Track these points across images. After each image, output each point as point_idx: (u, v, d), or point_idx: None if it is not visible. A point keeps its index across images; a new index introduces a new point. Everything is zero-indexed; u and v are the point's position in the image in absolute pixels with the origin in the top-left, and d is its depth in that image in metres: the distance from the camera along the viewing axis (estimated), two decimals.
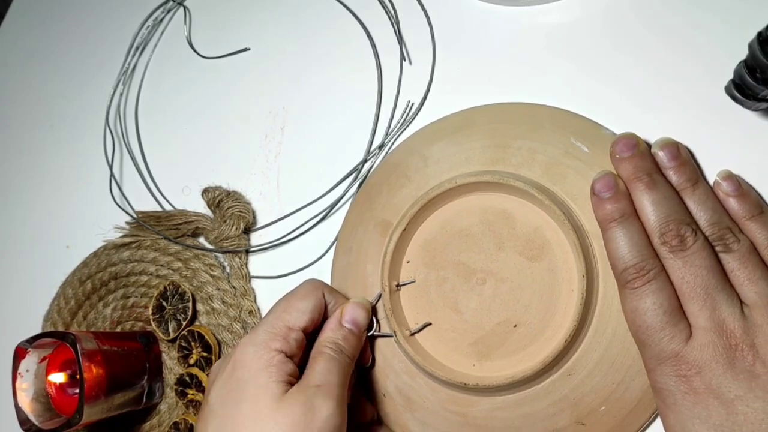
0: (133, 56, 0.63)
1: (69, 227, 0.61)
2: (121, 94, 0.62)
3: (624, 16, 0.42)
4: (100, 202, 0.58)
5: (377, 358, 0.42)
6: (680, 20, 0.40)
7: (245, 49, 0.57)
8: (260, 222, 0.51)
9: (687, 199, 0.34)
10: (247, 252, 0.51)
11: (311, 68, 0.53)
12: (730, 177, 0.35)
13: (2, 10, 0.76)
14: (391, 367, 0.41)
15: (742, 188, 0.34)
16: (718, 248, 0.32)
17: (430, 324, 0.40)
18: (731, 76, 0.35)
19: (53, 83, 0.68)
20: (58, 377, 0.47)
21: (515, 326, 0.38)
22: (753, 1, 0.38)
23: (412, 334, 0.40)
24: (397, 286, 0.41)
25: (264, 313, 0.48)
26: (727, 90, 0.36)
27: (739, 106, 0.36)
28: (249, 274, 0.50)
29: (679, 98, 0.38)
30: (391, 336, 0.40)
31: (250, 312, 0.49)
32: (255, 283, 0.50)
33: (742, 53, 0.33)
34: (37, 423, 0.45)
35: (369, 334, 0.41)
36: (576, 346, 0.36)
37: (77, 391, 0.45)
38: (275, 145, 0.53)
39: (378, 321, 0.42)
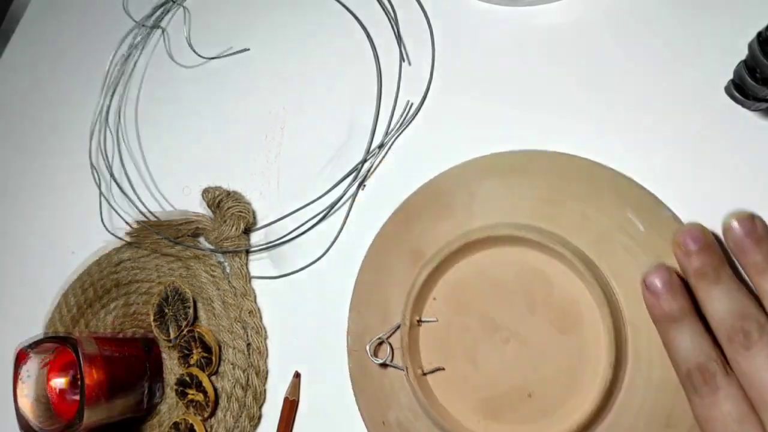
0: (133, 57, 0.63)
1: (74, 232, 0.61)
2: (122, 96, 0.62)
3: (624, 17, 0.41)
4: (106, 207, 0.58)
5: (385, 385, 0.41)
6: (680, 20, 0.39)
7: (245, 50, 0.57)
8: (260, 222, 0.51)
9: (760, 288, 0.31)
10: (248, 252, 0.51)
11: (310, 68, 0.53)
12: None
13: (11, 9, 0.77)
14: (396, 398, 0.40)
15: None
16: None
17: (443, 369, 0.39)
18: (731, 77, 0.35)
19: (59, 85, 0.68)
20: (60, 381, 0.47)
21: (530, 395, 0.36)
22: (753, 1, 0.38)
23: (424, 374, 0.39)
24: (419, 321, 0.40)
25: (264, 313, 0.49)
26: (727, 90, 0.35)
27: (739, 106, 0.36)
28: (249, 274, 0.50)
29: (678, 98, 0.38)
30: (402, 370, 0.39)
31: (251, 312, 0.49)
32: (255, 284, 0.50)
33: (742, 53, 0.33)
34: (37, 427, 0.45)
35: (381, 362, 0.40)
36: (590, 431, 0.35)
37: (78, 395, 0.45)
38: (275, 145, 0.52)
39: (393, 350, 0.41)
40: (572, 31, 0.43)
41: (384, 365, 0.40)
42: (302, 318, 0.47)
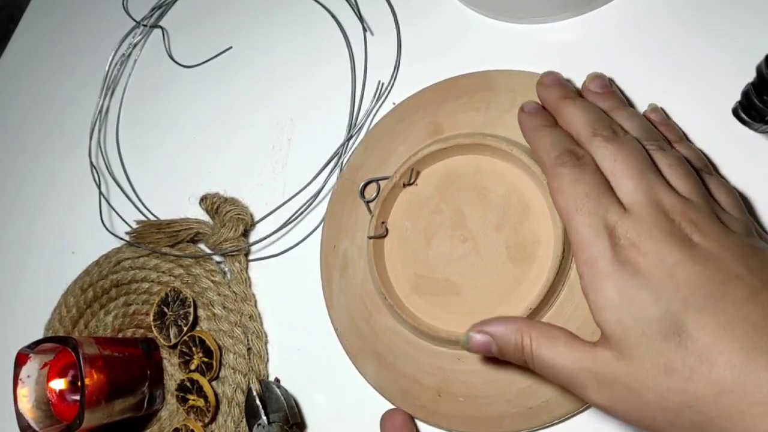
0: (133, 56, 0.62)
1: (75, 233, 0.60)
2: (122, 96, 0.62)
3: (630, 37, 0.41)
4: (107, 209, 0.58)
5: (352, 217, 0.45)
6: (687, 42, 0.39)
7: (228, 48, 0.59)
8: (259, 222, 0.52)
9: (617, 118, 0.35)
10: (247, 256, 0.51)
11: (316, 76, 0.53)
12: (656, 108, 0.38)
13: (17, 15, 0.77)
14: (354, 232, 0.44)
15: (666, 115, 0.37)
16: (650, 147, 0.33)
17: (406, 228, 0.42)
18: (738, 98, 0.35)
19: (59, 85, 0.68)
20: (59, 383, 0.47)
21: (457, 294, 0.39)
22: (761, 23, 0.38)
23: (383, 225, 0.42)
24: (405, 184, 0.42)
25: (265, 317, 0.49)
26: (734, 112, 0.36)
27: (746, 128, 0.36)
28: (249, 279, 0.50)
29: (685, 119, 0.38)
30: (371, 214, 0.42)
31: (251, 316, 0.49)
32: (255, 289, 0.50)
33: (750, 75, 0.33)
34: (37, 429, 0.45)
35: (365, 200, 0.43)
36: None
37: (78, 397, 0.45)
38: (282, 156, 0.53)
39: (378, 193, 0.43)
40: (577, 50, 0.43)
41: (367, 203, 0.43)
42: (303, 320, 0.48)
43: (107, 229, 0.57)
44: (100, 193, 0.59)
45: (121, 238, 0.55)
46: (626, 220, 0.29)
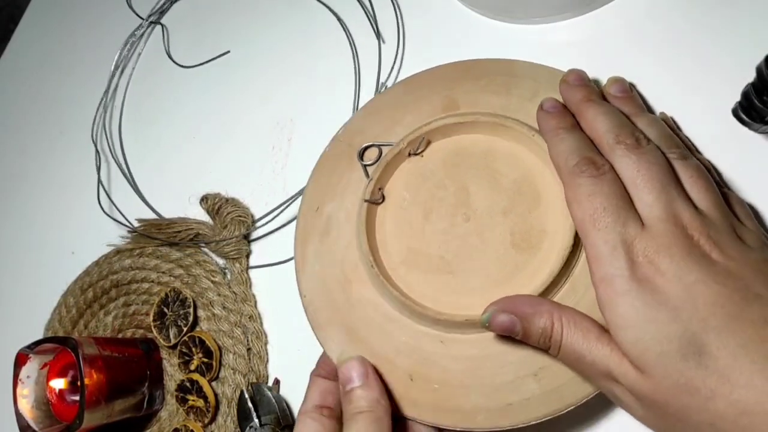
0: (136, 55, 0.63)
1: (74, 234, 0.61)
2: (124, 96, 0.62)
3: (630, 37, 0.41)
4: (107, 207, 0.58)
5: (343, 179, 0.42)
6: (687, 42, 0.40)
7: (226, 52, 0.58)
8: (259, 222, 0.52)
9: (638, 124, 0.34)
10: (248, 257, 0.51)
11: (317, 77, 0.53)
12: (666, 118, 0.37)
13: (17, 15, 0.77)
14: (343, 195, 0.41)
15: (677, 126, 0.37)
16: (671, 155, 0.32)
17: (404, 199, 0.39)
18: (738, 98, 0.35)
19: (61, 91, 0.68)
20: (59, 383, 0.47)
21: (451, 273, 0.37)
22: (760, 23, 0.38)
23: (381, 192, 0.39)
24: (410, 153, 0.40)
25: (264, 318, 0.49)
26: (734, 112, 0.36)
27: (746, 128, 0.36)
28: (249, 279, 0.50)
29: (685, 120, 0.38)
30: (368, 179, 0.40)
31: (251, 317, 0.49)
32: (255, 289, 0.50)
33: (750, 75, 0.33)
34: (37, 429, 0.45)
35: (364, 163, 0.40)
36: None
37: (77, 397, 0.45)
38: (282, 156, 0.53)
39: (379, 157, 0.40)
40: (577, 50, 0.43)
41: (365, 166, 0.41)
42: (303, 321, 0.47)
43: (108, 230, 0.57)
44: (100, 192, 0.59)
45: (122, 238, 0.55)
46: (644, 237, 0.29)
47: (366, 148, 0.41)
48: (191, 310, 0.49)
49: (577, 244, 0.34)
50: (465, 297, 0.35)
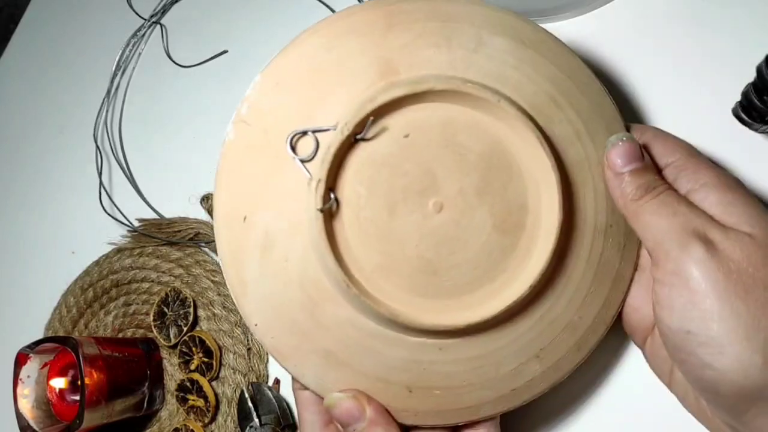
0: (136, 55, 0.63)
1: (75, 233, 0.61)
2: (125, 96, 0.62)
3: (630, 37, 0.41)
4: (107, 207, 0.58)
5: (270, 181, 0.34)
6: (688, 42, 0.40)
7: (224, 52, 0.58)
8: None
9: None
10: None
11: None
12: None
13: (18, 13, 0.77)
14: (278, 203, 0.34)
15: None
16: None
17: (360, 195, 0.33)
18: (738, 98, 0.35)
19: (61, 91, 0.68)
20: (59, 383, 0.47)
21: (434, 274, 0.32)
22: (761, 23, 0.38)
23: (328, 208, 0.32)
24: (358, 138, 0.32)
25: None
26: (734, 112, 0.36)
27: (746, 128, 0.36)
28: None
29: (686, 119, 0.38)
30: (309, 177, 0.32)
31: None
32: None
33: (750, 75, 0.33)
34: (37, 429, 0.45)
35: (299, 158, 0.32)
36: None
37: (78, 397, 0.45)
38: None
39: (317, 149, 0.33)
40: (577, 50, 0.43)
41: (302, 162, 0.32)
42: None
43: (108, 229, 0.57)
44: (100, 192, 0.59)
45: (122, 238, 0.55)
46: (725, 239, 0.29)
47: (296, 136, 0.33)
48: (191, 309, 0.49)
49: (564, 219, 0.32)
50: (455, 297, 0.32)
